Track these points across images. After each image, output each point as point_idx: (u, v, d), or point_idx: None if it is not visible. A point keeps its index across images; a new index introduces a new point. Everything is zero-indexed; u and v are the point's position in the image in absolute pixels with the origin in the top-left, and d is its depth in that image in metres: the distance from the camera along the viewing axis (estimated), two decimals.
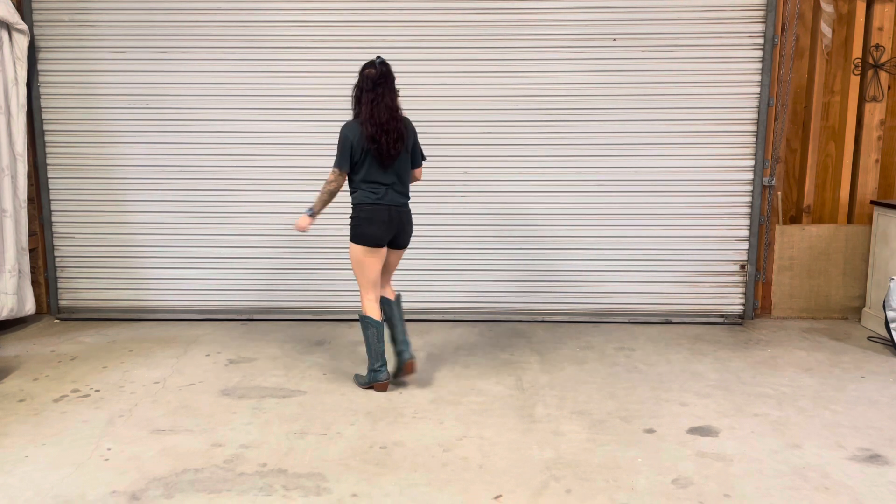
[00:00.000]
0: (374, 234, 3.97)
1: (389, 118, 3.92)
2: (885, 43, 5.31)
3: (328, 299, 5.51)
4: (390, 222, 4.00)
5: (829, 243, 5.48)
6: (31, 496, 3.00)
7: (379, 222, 3.97)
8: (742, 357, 4.71)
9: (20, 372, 4.40)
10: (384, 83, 3.95)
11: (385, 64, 3.99)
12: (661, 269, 5.43)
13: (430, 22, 5.21)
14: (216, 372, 4.41)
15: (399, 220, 4.05)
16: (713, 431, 3.62)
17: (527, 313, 5.49)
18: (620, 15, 5.16)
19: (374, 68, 3.97)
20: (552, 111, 5.27)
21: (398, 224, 4.05)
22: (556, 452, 3.38)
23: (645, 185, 5.34)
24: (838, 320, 5.53)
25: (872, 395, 4.08)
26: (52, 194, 5.46)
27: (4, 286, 5.09)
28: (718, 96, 5.24)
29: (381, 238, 4.00)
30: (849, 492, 3.05)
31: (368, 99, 3.93)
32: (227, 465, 3.26)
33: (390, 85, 3.98)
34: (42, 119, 5.37)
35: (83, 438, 3.51)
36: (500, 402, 3.97)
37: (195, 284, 5.52)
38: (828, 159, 5.51)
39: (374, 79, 3.94)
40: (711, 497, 3.00)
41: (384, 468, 3.23)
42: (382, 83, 3.94)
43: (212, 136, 5.36)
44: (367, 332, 4.05)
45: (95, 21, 5.25)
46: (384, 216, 3.98)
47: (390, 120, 3.92)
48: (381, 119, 3.90)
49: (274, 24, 5.23)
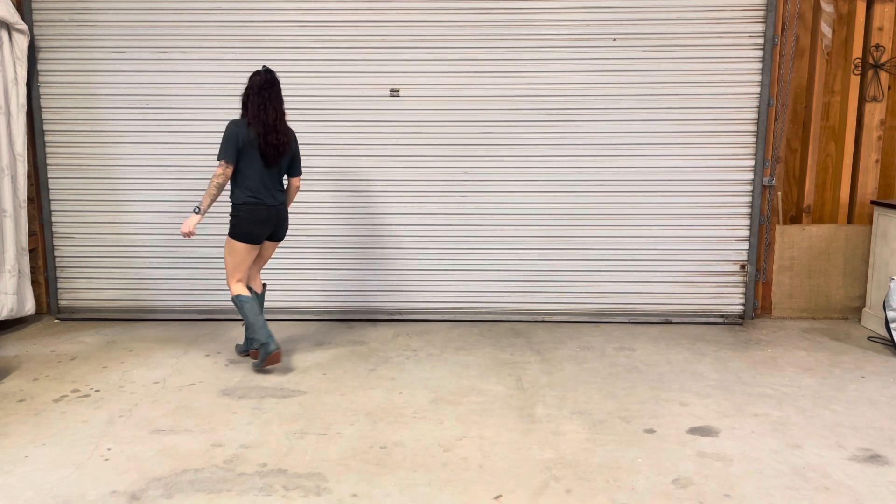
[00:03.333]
0: (253, 232, 4.28)
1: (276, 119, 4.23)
2: (885, 43, 5.31)
3: (328, 299, 5.51)
4: (268, 220, 4.30)
5: (829, 243, 5.48)
6: (31, 496, 3.00)
7: (259, 221, 4.27)
8: (742, 357, 4.71)
9: (20, 372, 4.40)
10: (270, 89, 4.23)
11: (270, 72, 4.28)
12: (661, 269, 5.43)
13: (430, 22, 5.21)
14: (216, 372, 4.41)
15: (277, 217, 4.35)
16: (713, 431, 3.62)
17: (527, 313, 5.49)
18: (621, 15, 5.16)
19: (259, 76, 4.25)
20: (552, 111, 5.27)
21: (276, 221, 4.36)
22: (556, 452, 3.38)
23: (645, 185, 5.34)
24: (838, 320, 5.53)
25: (872, 395, 4.08)
26: (52, 194, 5.47)
27: (4, 286, 5.09)
28: (718, 96, 5.24)
29: (259, 235, 4.32)
30: (849, 492, 3.05)
31: (256, 103, 4.20)
32: (227, 465, 3.26)
33: (277, 91, 4.26)
34: (42, 119, 5.37)
35: (83, 438, 3.51)
36: (500, 402, 3.97)
37: (195, 284, 5.52)
38: (828, 159, 5.51)
39: (260, 85, 4.22)
40: (711, 497, 3.00)
41: (384, 468, 3.23)
42: (268, 89, 4.22)
43: (211, 136, 5.35)
44: (244, 308, 4.30)
45: (95, 21, 5.25)
46: (264, 215, 4.27)
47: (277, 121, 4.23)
48: (269, 119, 4.19)
49: (274, 24, 5.23)
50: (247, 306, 4.30)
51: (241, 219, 4.25)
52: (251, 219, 4.25)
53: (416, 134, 5.27)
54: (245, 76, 5.25)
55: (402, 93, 5.29)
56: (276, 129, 4.20)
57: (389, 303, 5.52)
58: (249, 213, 4.24)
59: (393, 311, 5.52)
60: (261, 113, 4.17)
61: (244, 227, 4.25)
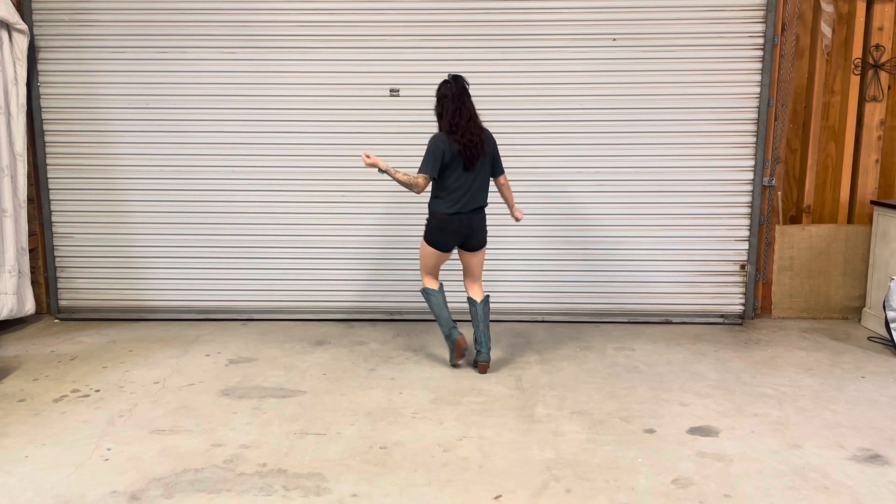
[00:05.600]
0: (440, 241, 4.35)
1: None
2: (885, 43, 5.31)
3: (328, 299, 5.51)
4: (460, 230, 4.31)
5: (829, 243, 5.48)
6: (31, 496, 3.00)
7: (451, 231, 4.31)
8: (742, 357, 4.71)
9: (20, 372, 4.40)
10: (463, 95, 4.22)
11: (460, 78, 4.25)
12: (661, 269, 5.43)
13: (430, 22, 5.21)
14: (216, 372, 4.41)
15: (469, 226, 4.32)
16: (713, 431, 3.62)
17: (527, 313, 5.49)
18: (621, 15, 5.16)
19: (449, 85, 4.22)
20: (552, 111, 5.28)
21: (468, 231, 4.33)
22: (556, 452, 3.38)
23: (645, 184, 5.34)
24: (838, 320, 5.53)
25: (872, 395, 4.08)
26: (52, 194, 5.47)
27: (4, 286, 5.09)
28: (718, 96, 5.24)
29: (446, 244, 4.36)
30: (849, 492, 3.05)
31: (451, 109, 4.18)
32: (227, 465, 3.26)
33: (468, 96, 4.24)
34: (42, 119, 5.37)
35: (83, 438, 3.51)
36: (500, 402, 3.97)
37: (195, 284, 5.52)
38: (828, 159, 5.51)
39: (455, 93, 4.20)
40: (711, 497, 3.00)
41: (384, 468, 3.23)
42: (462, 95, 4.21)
43: (211, 136, 5.37)
44: (430, 301, 4.47)
45: (95, 21, 5.25)
46: (455, 225, 4.29)
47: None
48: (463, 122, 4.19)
49: (274, 24, 5.23)
50: (432, 300, 4.45)
51: (432, 227, 4.32)
52: (443, 228, 4.30)
53: (416, 134, 5.26)
54: (245, 76, 5.30)
55: (402, 93, 5.29)
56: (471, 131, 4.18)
57: (389, 303, 5.52)
58: (441, 223, 4.29)
59: (393, 311, 5.52)
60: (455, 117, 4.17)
61: (434, 234, 4.33)
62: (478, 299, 4.44)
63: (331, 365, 4.54)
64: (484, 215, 4.42)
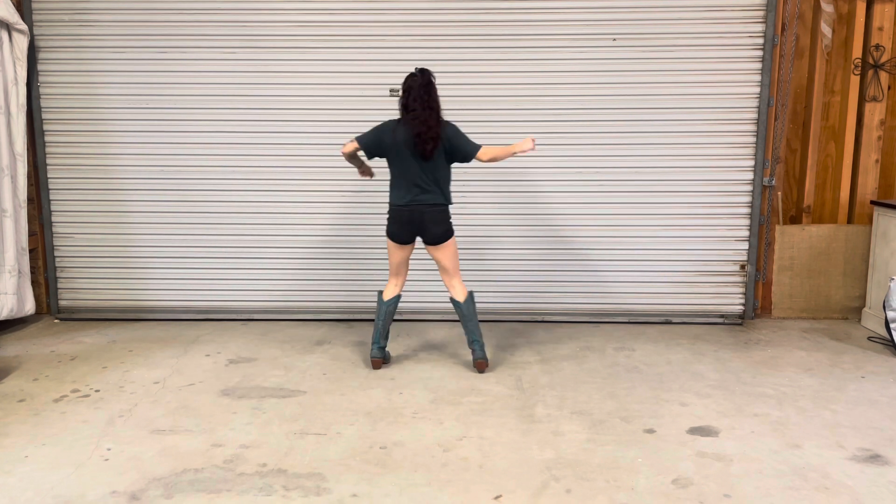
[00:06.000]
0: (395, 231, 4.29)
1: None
2: (885, 43, 5.31)
3: (328, 299, 5.51)
4: (411, 222, 4.23)
5: (829, 243, 5.48)
6: (31, 496, 3.00)
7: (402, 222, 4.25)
8: (742, 357, 4.71)
9: (20, 372, 4.40)
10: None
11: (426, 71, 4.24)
12: (661, 269, 5.43)
13: (430, 22, 5.21)
14: (216, 372, 4.41)
15: (420, 220, 4.22)
16: (713, 431, 3.62)
17: (527, 313, 5.49)
18: (621, 15, 5.16)
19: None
20: (552, 111, 5.27)
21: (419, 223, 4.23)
22: (556, 452, 3.38)
23: (645, 184, 5.34)
24: (838, 320, 5.53)
25: (872, 396, 4.08)
26: (52, 194, 5.47)
27: (4, 286, 5.09)
28: (718, 96, 5.24)
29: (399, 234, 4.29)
30: (849, 492, 3.05)
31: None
32: (227, 465, 3.26)
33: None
34: (42, 119, 5.37)
35: (83, 438, 3.51)
36: (500, 402, 3.97)
37: (195, 284, 5.52)
38: (828, 159, 5.51)
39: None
40: (711, 497, 3.00)
41: (384, 468, 3.23)
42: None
43: (212, 136, 5.36)
44: (377, 305, 4.43)
45: (95, 21, 5.25)
46: (406, 215, 4.23)
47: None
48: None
49: (274, 24, 5.23)
50: (379, 306, 4.41)
51: (389, 217, 4.30)
52: (394, 219, 4.26)
53: None
54: (245, 76, 5.30)
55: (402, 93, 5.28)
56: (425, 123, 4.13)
57: None
58: (392, 213, 4.26)
59: None
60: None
61: (389, 224, 4.30)
62: (460, 299, 4.33)
63: (331, 365, 4.54)
64: (441, 210, 4.23)
